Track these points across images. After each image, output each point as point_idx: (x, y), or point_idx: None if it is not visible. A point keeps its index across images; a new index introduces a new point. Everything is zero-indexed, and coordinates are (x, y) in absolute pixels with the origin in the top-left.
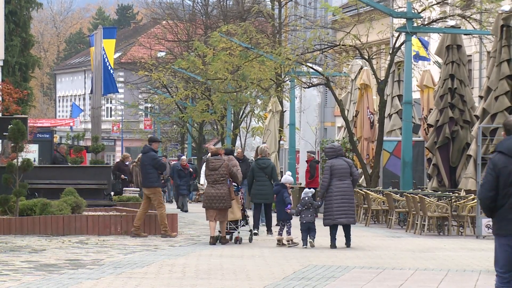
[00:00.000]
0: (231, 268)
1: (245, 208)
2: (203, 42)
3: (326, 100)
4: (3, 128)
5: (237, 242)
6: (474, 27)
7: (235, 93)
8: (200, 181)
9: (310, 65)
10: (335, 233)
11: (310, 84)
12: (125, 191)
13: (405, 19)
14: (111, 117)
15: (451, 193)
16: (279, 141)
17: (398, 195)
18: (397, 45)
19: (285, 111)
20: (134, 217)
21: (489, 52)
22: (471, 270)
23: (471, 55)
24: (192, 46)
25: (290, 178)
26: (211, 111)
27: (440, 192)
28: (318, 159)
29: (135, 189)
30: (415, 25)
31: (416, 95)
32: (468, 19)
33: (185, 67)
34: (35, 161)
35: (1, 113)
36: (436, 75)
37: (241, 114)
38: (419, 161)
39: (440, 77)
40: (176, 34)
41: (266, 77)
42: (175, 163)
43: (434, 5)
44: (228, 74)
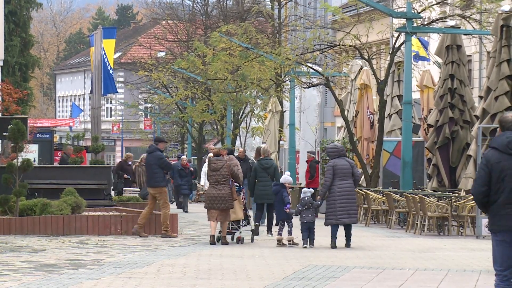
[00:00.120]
0: (231, 268)
1: (247, 208)
2: (203, 42)
3: (326, 100)
4: (3, 128)
5: (239, 242)
6: (474, 27)
7: (235, 93)
8: (201, 182)
9: (310, 65)
10: (336, 232)
11: (310, 84)
12: (125, 191)
13: (405, 19)
14: (111, 117)
15: (451, 193)
16: (279, 141)
17: (398, 195)
18: (397, 45)
19: (285, 111)
20: (134, 217)
21: (489, 52)
22: (471, 270)
23: (471, 55)
24: (192, 46)
25: (289, 178)
26: (211, 111)
27: (440, 192)
28: (318, 159)
29: (135, 189)
30: (415, 25)
31: (416, 95)
32: (468, 19)
33: (185, 67)
34: (35, 161)
35: (1, 113)
36: (436, 75)
37: (241, 114)
38: (419, 161)
39: (440, 77)
40: (176, 34)
41: (266, 77)
42: (175, 163)
43: (434, 5)
44: (228, 74)
